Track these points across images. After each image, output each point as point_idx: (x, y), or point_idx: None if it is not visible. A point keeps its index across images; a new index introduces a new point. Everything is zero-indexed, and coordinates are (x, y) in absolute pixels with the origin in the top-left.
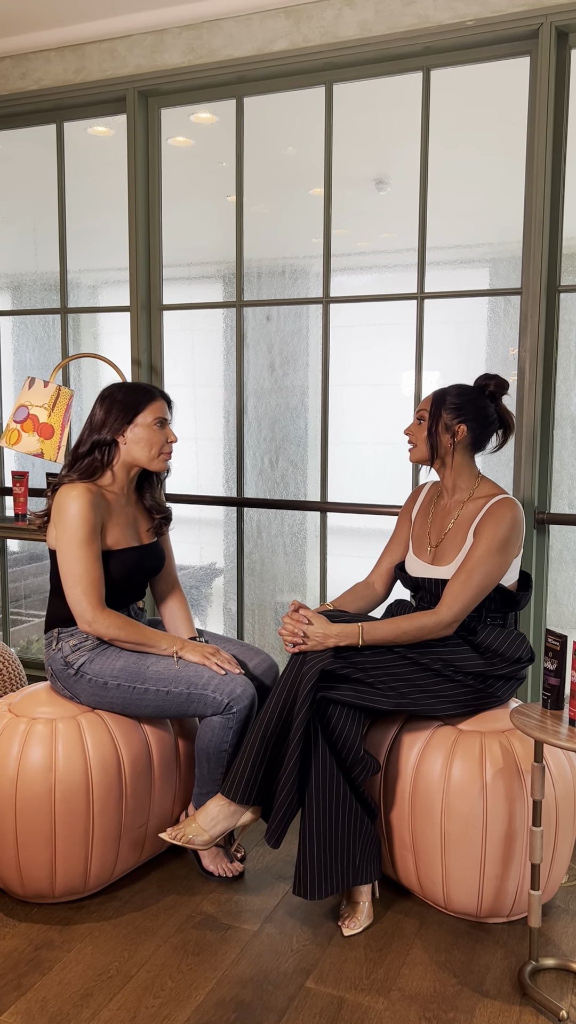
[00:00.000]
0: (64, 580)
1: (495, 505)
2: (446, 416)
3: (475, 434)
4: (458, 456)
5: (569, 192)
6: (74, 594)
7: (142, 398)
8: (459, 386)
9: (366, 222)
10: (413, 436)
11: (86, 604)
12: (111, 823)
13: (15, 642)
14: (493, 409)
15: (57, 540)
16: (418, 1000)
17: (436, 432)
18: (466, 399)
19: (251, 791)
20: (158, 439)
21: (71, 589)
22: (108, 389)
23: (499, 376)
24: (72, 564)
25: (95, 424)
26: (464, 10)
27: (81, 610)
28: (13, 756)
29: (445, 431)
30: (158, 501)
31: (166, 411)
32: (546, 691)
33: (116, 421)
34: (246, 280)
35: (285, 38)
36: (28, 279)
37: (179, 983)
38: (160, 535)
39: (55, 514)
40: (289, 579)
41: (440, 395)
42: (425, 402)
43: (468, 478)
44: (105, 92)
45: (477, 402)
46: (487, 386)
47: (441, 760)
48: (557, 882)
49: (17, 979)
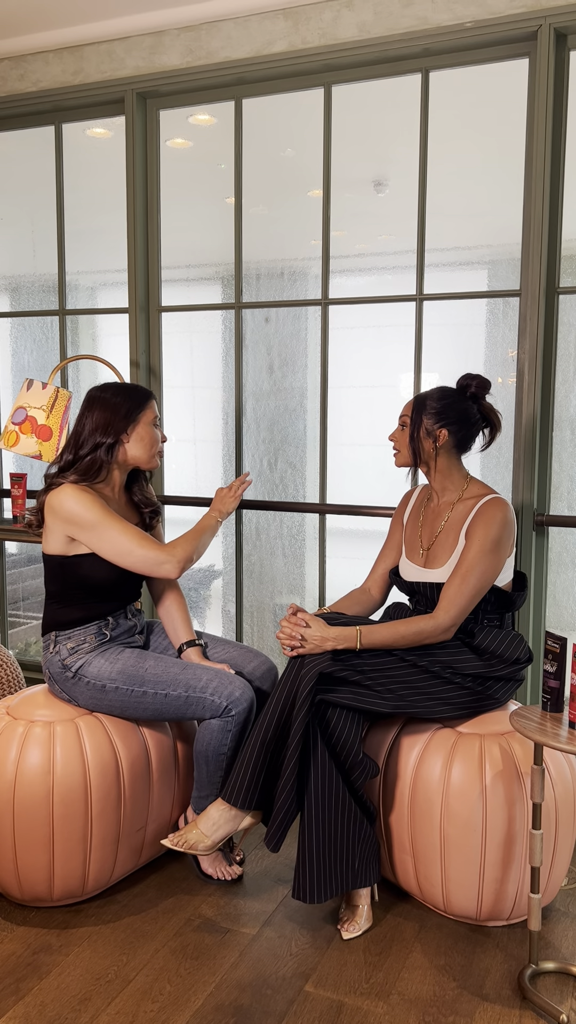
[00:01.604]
0: (119, 559)
1: (485, 505)
2: (427, 421)
3: (457, 437)
4: (443, 459)
5: (568, 194)
6: (136, 559)
7: (142, 399)
8: (441, 389)
9: (365, 224)
10: (397, 442)
11: (154, 556)
12: (109, 826)
13: (13, 644)
14: (476, 409)
15: (82, 536)
16: (418, 1004)
17: (417, 438)
18: (446, 403)
19: (251, 795)
20: (155, 439)
21: (130, 558)
22: (100, 392)
23: (480, 376)
24: (113, 541)
25: (97, 425)
26: (463, 12)
27: (156, 563)
28: (11, 759)
29: (427, 436)
30: (147, 496)
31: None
32: (546, 693)
33: (121, 422)
34: (245, 282)
35: (284, 40)
36: (26, 281)
37: (178, 987)
38: (150, 529)
39: (50, 517)
40: (288, 581)
41: (420, 400)
42: (406, 407)
43: (456, 479)
44: (103, 94)
45: (458, 405)
46: (468, 387)
47: (440, 763)
48: (557, 885)
49: (15, 983)
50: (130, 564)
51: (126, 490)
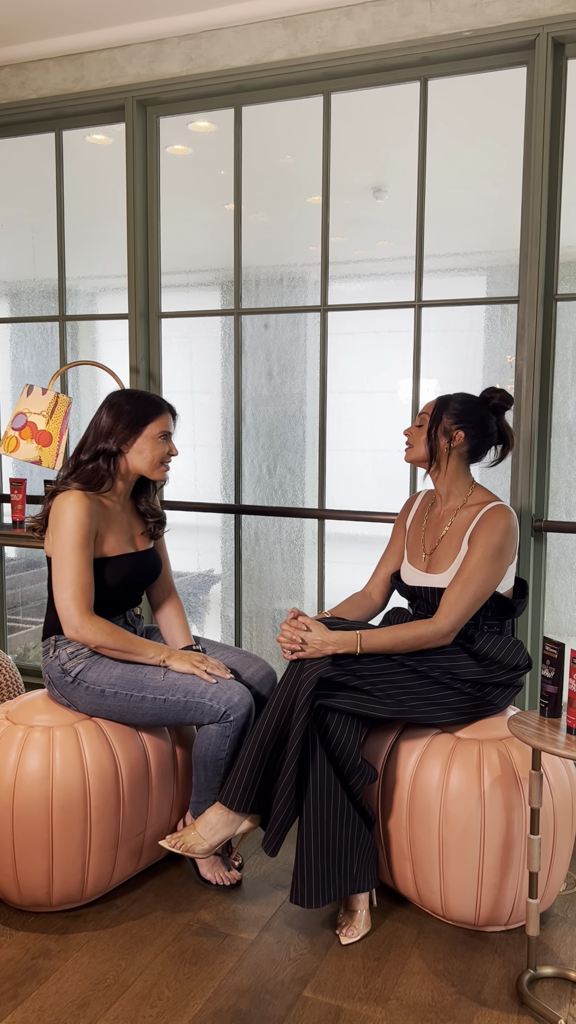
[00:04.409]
0: (55, 584)
1: (489, 512)
2: (447, 420)
3: (472, 443)
4: (453, 462)
5: (566, 201)
6: (63, 598)
7: (151, 411)
8: (464, 394)
9: (364, 230)
10: (411, 437)
11: (74, 609)
12: (108, 831)
13: (12, 649)
14: (494, 423)
15: (52, 545)
16: (416, 1009)
17: (435, 435)
18: (468, 407)
19: (249, 799)
20: (160, 452)
21: (60, 593)
22: (116, 397)
23: (505, 391)
24: (63, 568)
25: (101, 431)
26: (461, 21)
27: (69, 615)
28: (10, 764)
29: (443, 435)
30: (153, 506)
31: (171, 424)
32: (544, 699)
33: (123, 431)
34: (244, 288)
35: (283, 48)
36: (27, 286)
37: (176, 992)
38: (155, 538)
39: (52, 520)
40: (287, 586)
41: (444, 399)
42: (428, 406)
43: (462, 485)
44: (104, 101)
45: (479, 412)
46: (492, 398)
47: (439, 768)
48: (555, 890)
49: (14, 988)
50: (55, 597)
51: (133, 498)
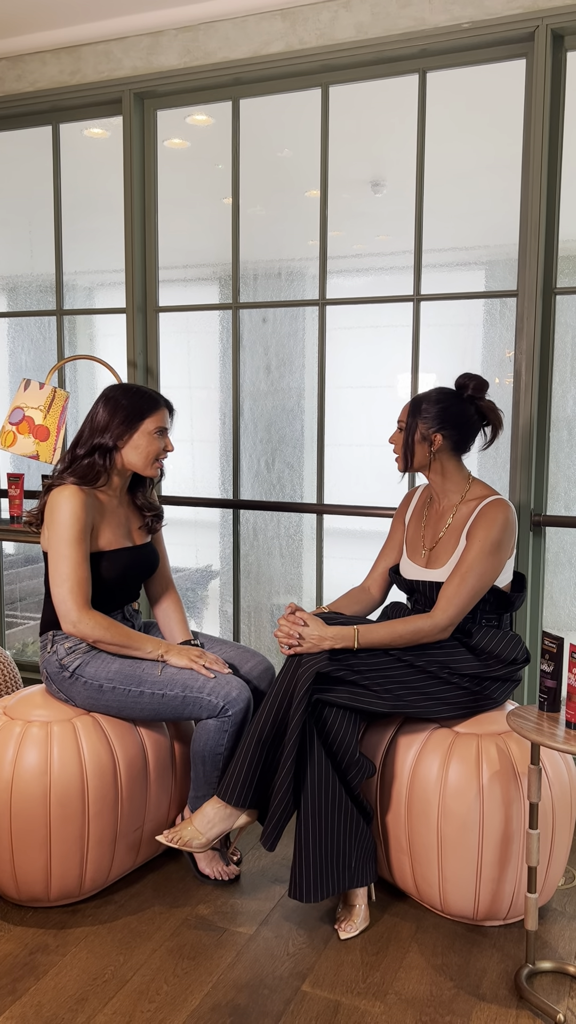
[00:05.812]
0: (51, 579)
1: (487, 507)
2: (421, 426)
3: (454, 440)
4: (441, 463)
5: (565, 194)
6: (59, 593)
7: (147, 406)
8: (438, 391)
9: (362, 224)
10: (397, 445)
11: (71, 604)
12: (107, 826)
13: (11, 645)
14: (474, 410)
15: (48, 540)
16: (415, 1004)
17: (413, 442)
18: (442, 406)
19: (247, 794)
20: (155, 448)
21: (57, 588)
22: (113, 391)
23: (478, 376)
24: (59, 563)
25: (96, 426)
26: (460, 13)
27: (66, 610)
28: (8, 759)
29: (422, 441)
30: (149, 500)
31: (167, 420)
32: (542, 693)
33: (119, 426)
34: (242, 282)
35: (281, 40)
36: (24, 281)
37: (174, 987)
38: (152, 532)
39: (47, 515)
40: (285, 581)
41: (415, 404)
42: (403, 412)
43: (458, 481)
44: (101, 94)
45: (454, 407)
46: (466, 387)
47: (437, 763)
48: (554, 885)
49: (12, 983)
50: (52, 592)
51: (130, 491)
